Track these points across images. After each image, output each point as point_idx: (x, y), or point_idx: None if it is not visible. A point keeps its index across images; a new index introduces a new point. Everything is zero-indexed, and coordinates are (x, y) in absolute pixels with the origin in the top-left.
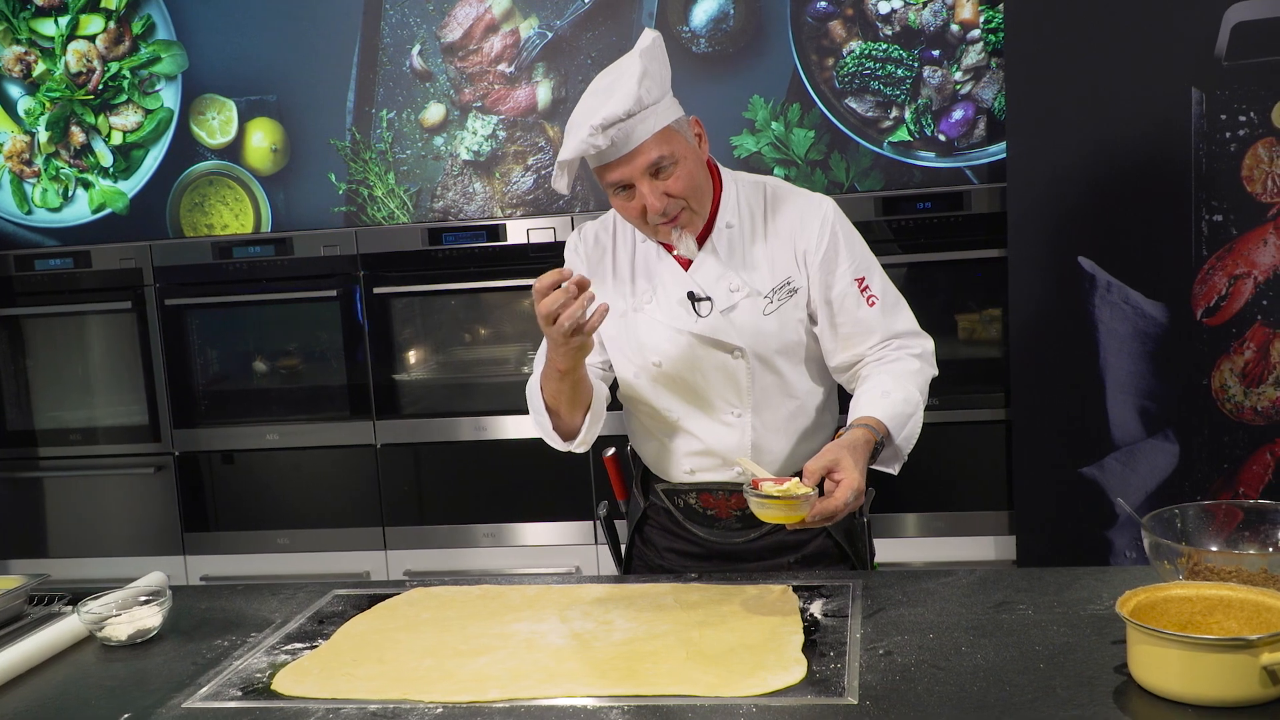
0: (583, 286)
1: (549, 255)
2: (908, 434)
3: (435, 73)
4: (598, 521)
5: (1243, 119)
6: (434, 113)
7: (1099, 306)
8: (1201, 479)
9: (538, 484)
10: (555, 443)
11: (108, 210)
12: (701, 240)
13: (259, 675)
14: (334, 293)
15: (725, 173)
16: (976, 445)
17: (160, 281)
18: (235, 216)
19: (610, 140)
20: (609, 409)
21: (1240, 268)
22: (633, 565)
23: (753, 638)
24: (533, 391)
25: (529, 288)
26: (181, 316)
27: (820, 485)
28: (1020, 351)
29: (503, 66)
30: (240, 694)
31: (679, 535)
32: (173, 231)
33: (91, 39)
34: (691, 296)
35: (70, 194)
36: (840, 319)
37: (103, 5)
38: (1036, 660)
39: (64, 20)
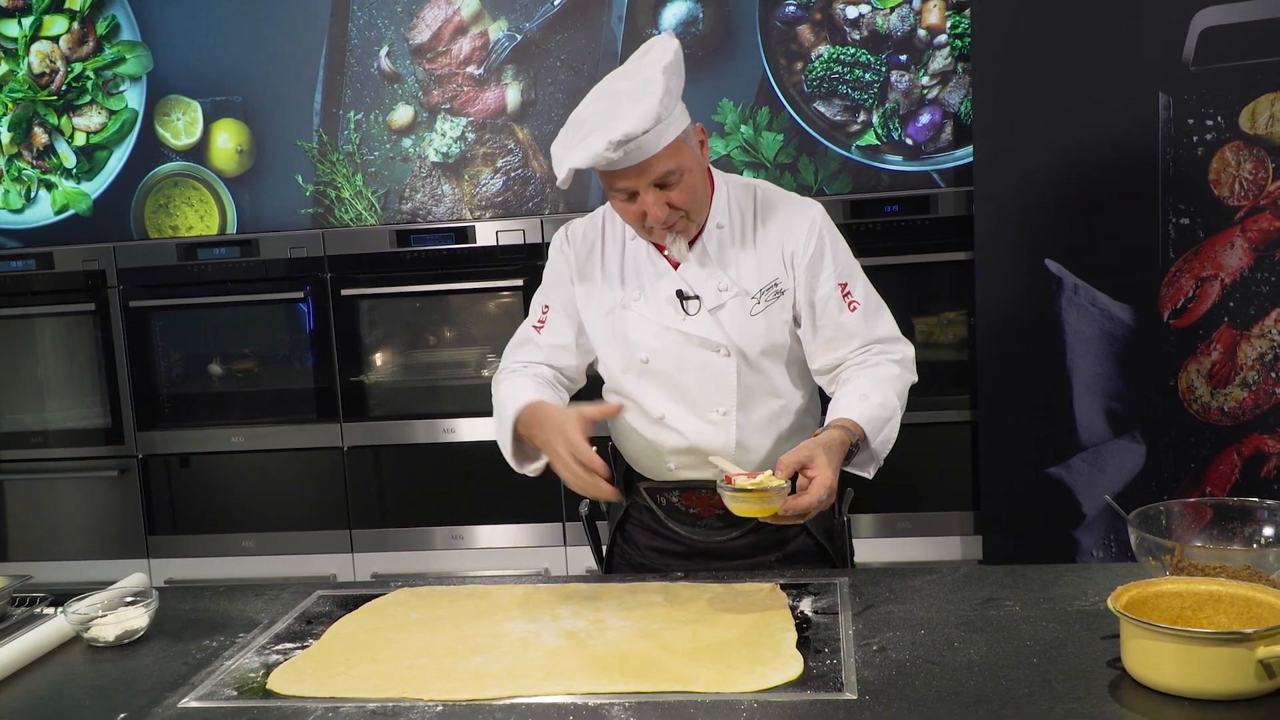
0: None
1: (518, 257)
2: (884, 438)
3: (404, 74)
4: (582, 520)
5: (1210, 123)
6: (402, 114)
7: (1066, 308)
8: (1168, 479)
9: (505, 486)
10: (511, 463)
11: (70, 211)
12: (692, 240)
13: (252, 675)
14: (301, 294)
15: (717, 174)
16: (942, 446)
17: (124, 283)
18: (200, 218)
19: (624, 153)
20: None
21: (1207, 270)
22: (614, 564)
23: (747, 635)
24: (504, 409)
25: (498, 289)
26: (145, 318)
27: (794, 481)
28: (987, 353)
29: (472, 68)
30: (235, 693)
31: (661, 534)
32: (137, 233)
33: (55, 39)
34: (680, 295)
35: (33, 195)
36: (822, 322)
37: (66, 6)
38: (1029, 655)
39: (27, 21)
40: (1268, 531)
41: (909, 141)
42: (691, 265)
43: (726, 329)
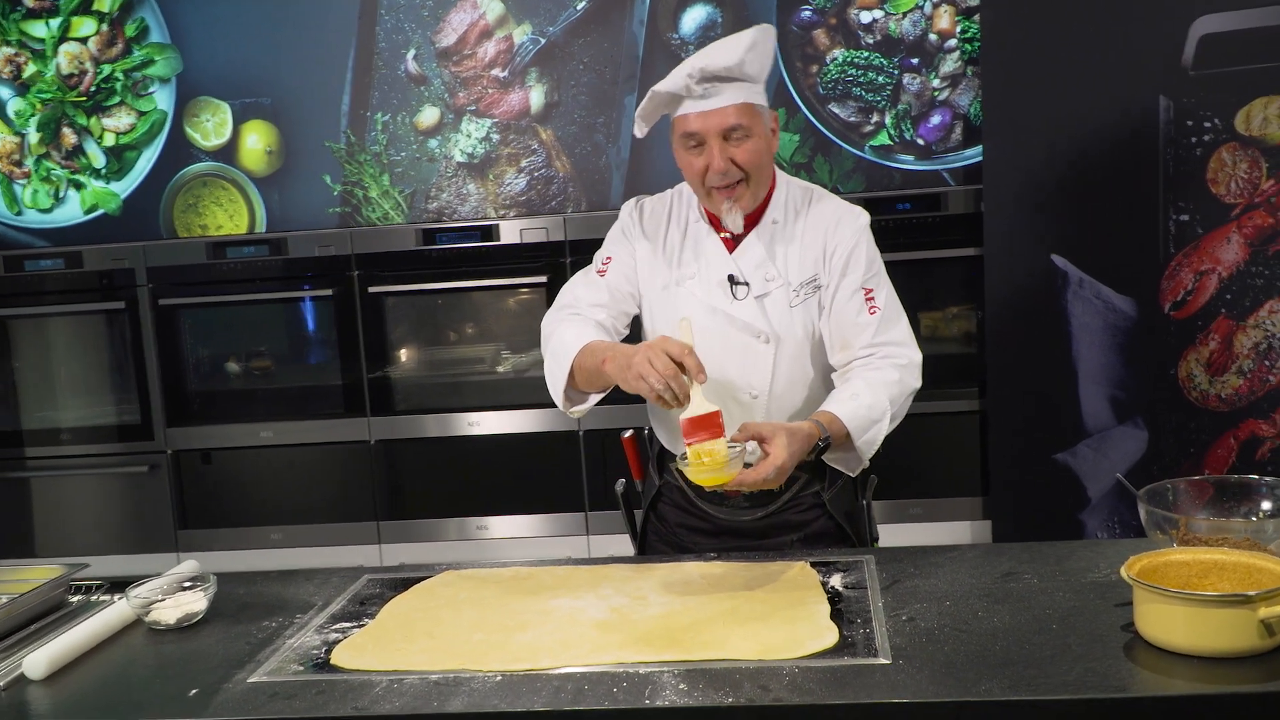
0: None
1: (541, 254)
2: (869, 439)
3: (430, 77)
4: (618, 498)
5: (1208, 125)
6: (428, 116)
7: (1071, 301)
8: (1170, 463)
9: (529, 477)
10: (558, 399)
11: (100, 211)
12: (749, 227)
13: (315, 652)
14: (329, 292)
15: (779, 174)
16: (952, 435)
17: (153, 282)
18: (230, 217)
19: (703, 90)
20: (624, 400)
21: (1205, 264)
22: (646, 540)
23: (783, 608)
24: (560, 346)
25: (522, 286)
26: (175, 316)
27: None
28: (995, 345)
29: (496, 71)
30: (301, 669)
31: (690, 512)
32: (166, 232)
33: (84, 41)
34: (731, 279)
35: (61, 195)
36: (841, 319)
37: (95, 7)
38: (1049, 622)
39: (55, 22)
40: (1266, 505)
41: (920, 142)
42: (745, 252)
43: (770, 317)
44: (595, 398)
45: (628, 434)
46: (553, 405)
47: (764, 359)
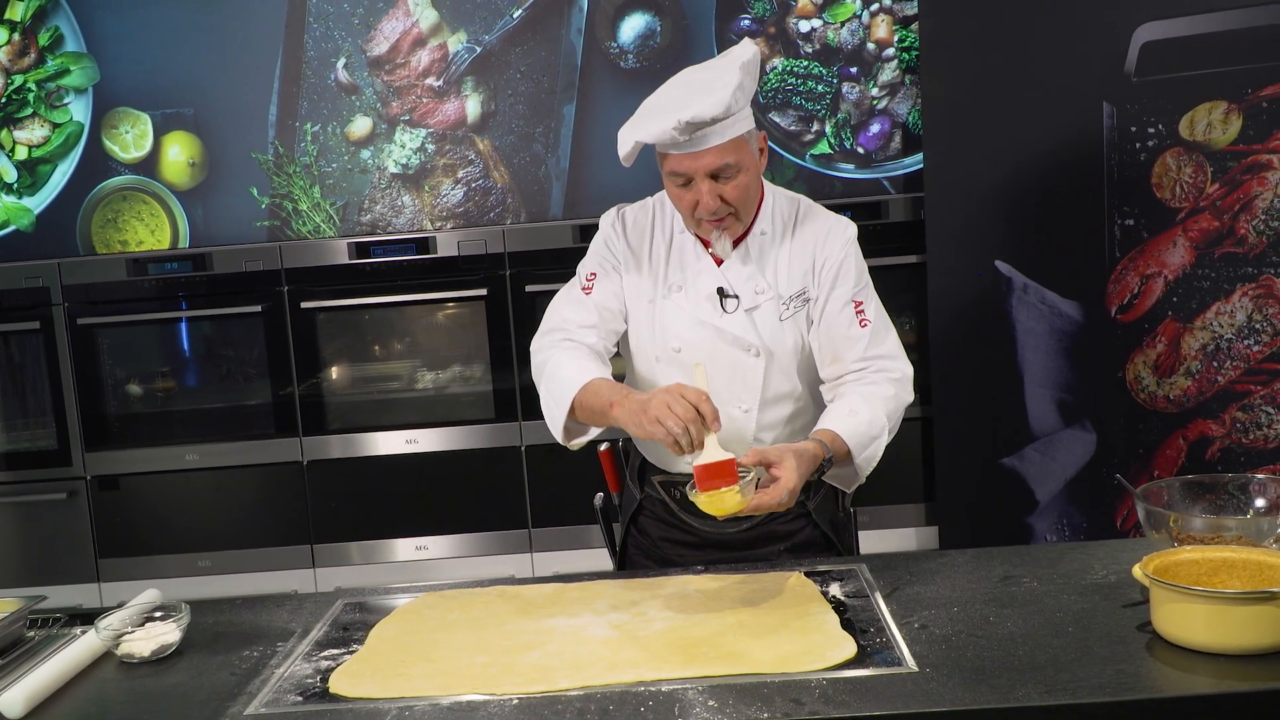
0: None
1: (480, 267)
2: (868, 455)
3: (361, 86)
4: (597, 513)
5: (1152, 130)
6: (360, 126)
7: (1016, 307)
8: (1118, 464)
9: (470, 495)
10: (557, 434)
11: (11, 227)
12: (737, 242)
13: (310, 681)
14: (258, 308)
15: (766, 184)
16: (895, 442)
17: (69, 300)
18: (151, 233)
19: (690, 137)
20: None
21: (1151, 268)
22: (627, 554)
23: (790, 619)
24: (558, 381)
25: (460, 299)
26: (93, 336)
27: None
28: (940, 352)
29: (431, 80)
30: (300, 698)
31: (674, 525)
32: (84, 249)
33: None
34: (721, 292)
35: None
36: (832, 333)
37: (7, 17)
38: (1063, 625)
39: None
40: (1259, 503)
41: (860, 150)
42: (734, 265)
43: (760, 330)
44: (596, 430)
45: (604, 447)
46: (493, 420)
47: (754, 373)
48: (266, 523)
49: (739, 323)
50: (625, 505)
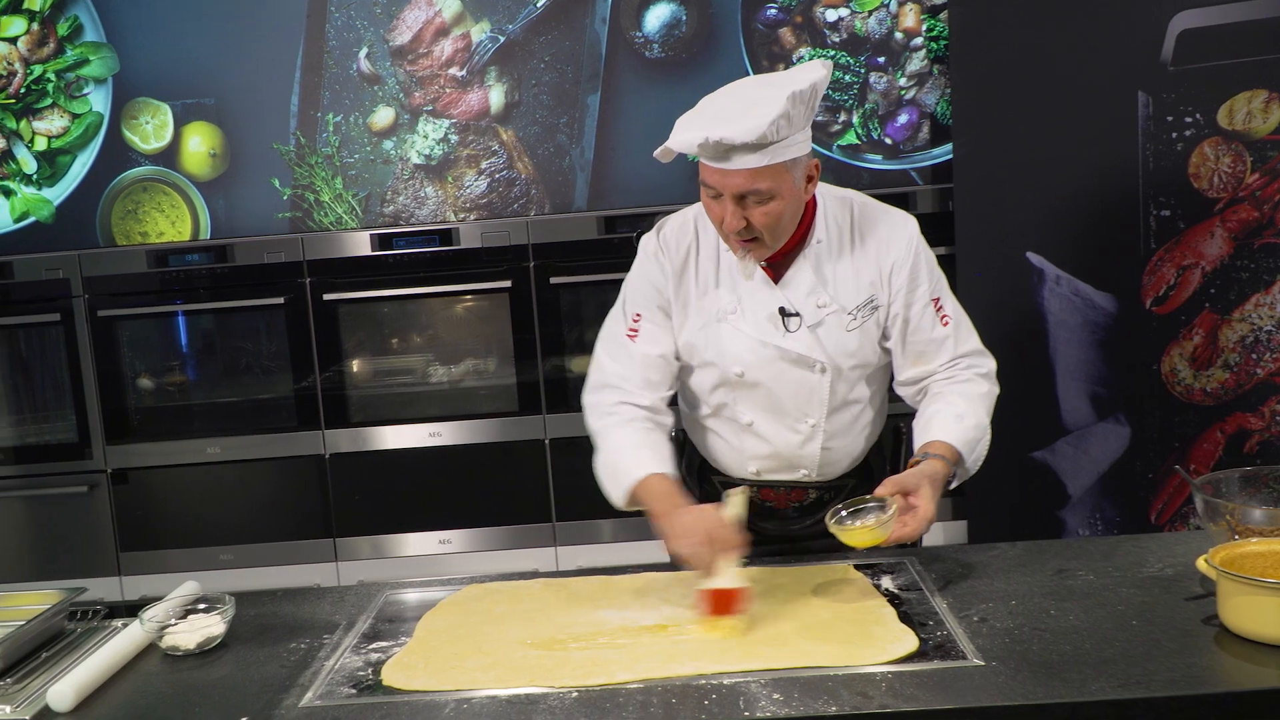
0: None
1: (504, 259)
2: (975, 457)
3: (384, 76)
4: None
5: (1189, 120)
6: (383, 116)
7: (1048, 299)
8: (1154, 458)
9: (494, 488)
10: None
11: (31, 219)
12: (790, 253)
13: (362, 673)
14: (280, 300)
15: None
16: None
17: (90, 292)
18: (172, 224)
19: (717, 155)
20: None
21: (1188, 259)
22: None
23: (847, 612)
24: (616, 463)
25: (483, 292)
26: (114, 328)
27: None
28: None
29: (454, 70)
30: (354, 691)
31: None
32: (103, 240)
33: (12, 41)
34: (783, 311)
35: None
36: (915, 337)
37: (25, 6)
38: (1126, 619)
39: None
40: None
41: (888, 141)
42: (793, 281)
43: (825, 345)
44: None
45: None
46: (517, 413)
47: (820, 388)
48: (288, 516)
49: (803, 341)
50: None
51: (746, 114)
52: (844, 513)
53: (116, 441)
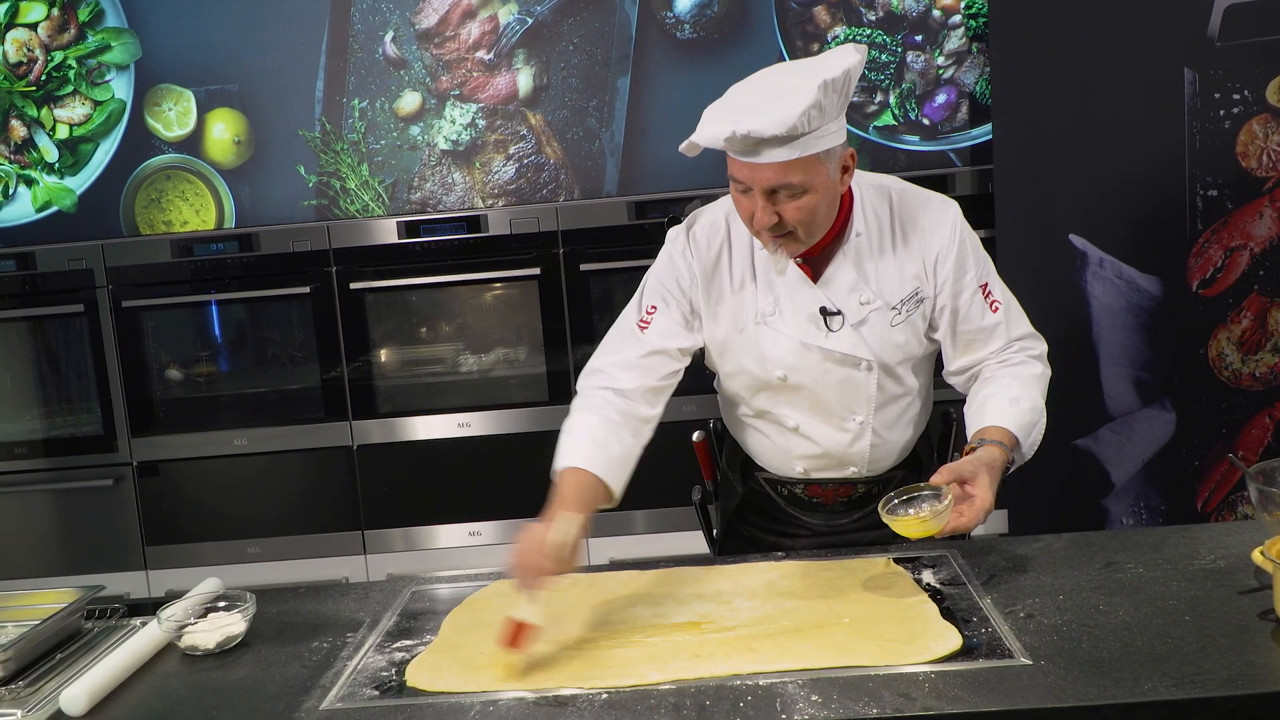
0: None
1: (533, 245)
2: (1032, 441)
3: (410, 60)
4: (694, 505)
5: (1236, 97)
6: (409, 101)
7: (1091, 282)
8: (1200, 445)
9: (522, 480)
10: None
11: (54, 208)
12: (827, 248)
13: (385, 674)
14: (306, 289)
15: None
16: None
17: (114, 282)
18: (196, 212)
19: (744, 148)
20: (693, 391)
21: (1236, 240)
22: (727, 546)
23: (887, 609)
24: (561, 449)
25: (512, 279)
26: (138, 319)
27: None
28: None
29: (481, 53)
30: (377, 693)
31: (780, 519)
32: (127, 230)
33: (33, 27)
34: (824, 311)
35: (11, 192)
36: (965, 326)
37: None
38: (1179, 614)
39: (1, 8)
40: None
41: (926, 121)
42: (834, 278)
43: (869, 342)
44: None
45: (698, 437)
46: (547, 403)
47: (867, 386)
48: (316, 508)
49: (847, 340)
50: (724, 496)
51: (776, 105)
52: (896, 501)
53: (142, 434)
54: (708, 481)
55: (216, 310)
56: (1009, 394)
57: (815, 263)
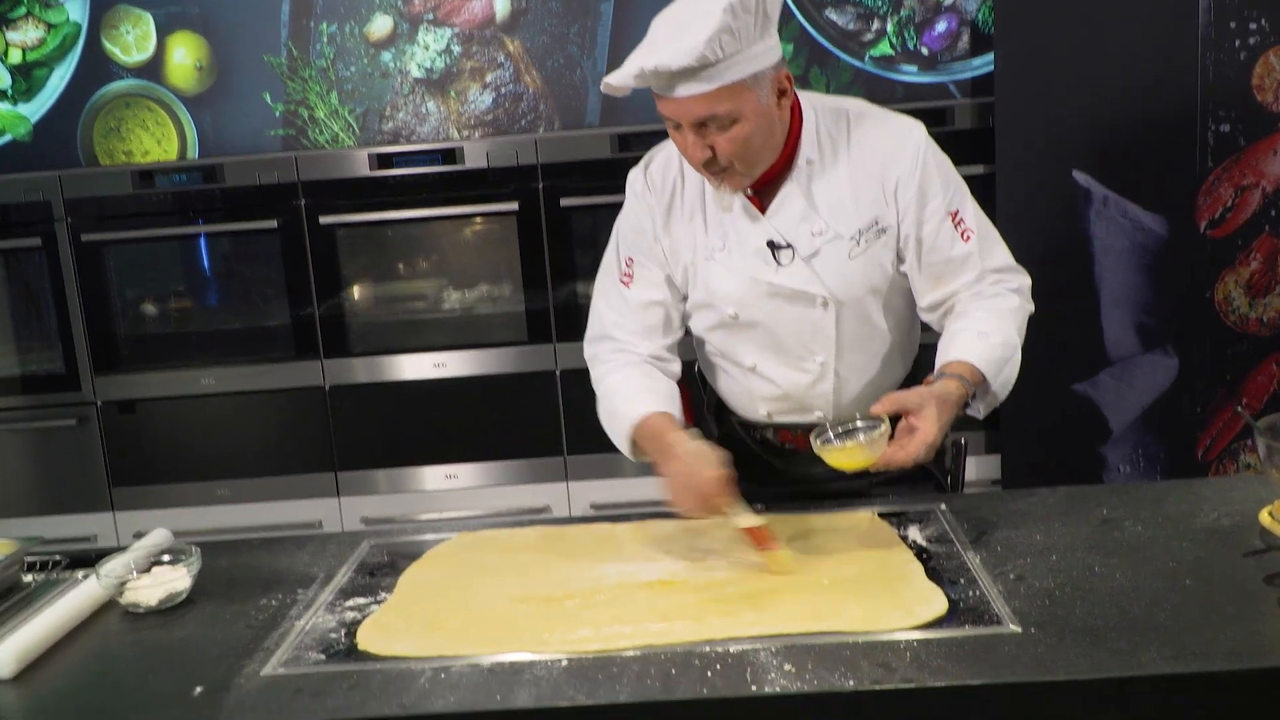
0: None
1: (511, 179)
2: (1004, 379)
3: None
4: None
5: (1253, 26)
6: (380, 25)
7: (1094, 221)
8: (1202, 392)
9: (502, 421)
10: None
11: (7, 137)
12: (776, 177)
13: (334, 635)
14: (274, 223)
15: (804, 100)
16: None
17: (72, 215)
18: (157, 142)
19: (658, 85)
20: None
21: (1248, 178)
22: None
23: (870, 568)
24: (616, 408)
25: (490, 214)
26: (99, 253)
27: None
28: None
29: None
30: (324, 657)
31: (754, 465)
32: (85, 160)
33: None
34: (772, 245)
35: None
36: (932, 257)
37: None
38: (1180, 577)
39: None
40: None
41: (925, 51)
42: (782, 209)
43: (823, 277)
44: None
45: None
46: (526, 343)
47: (824, 324)
48: (288, 450)
49: (798, 275)
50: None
51: (682, 35)
52: (831, 434)
53: (105, 373)
54: (689, 427)
55: (180, 245)
56: (978, 328)
57: (764, 194)
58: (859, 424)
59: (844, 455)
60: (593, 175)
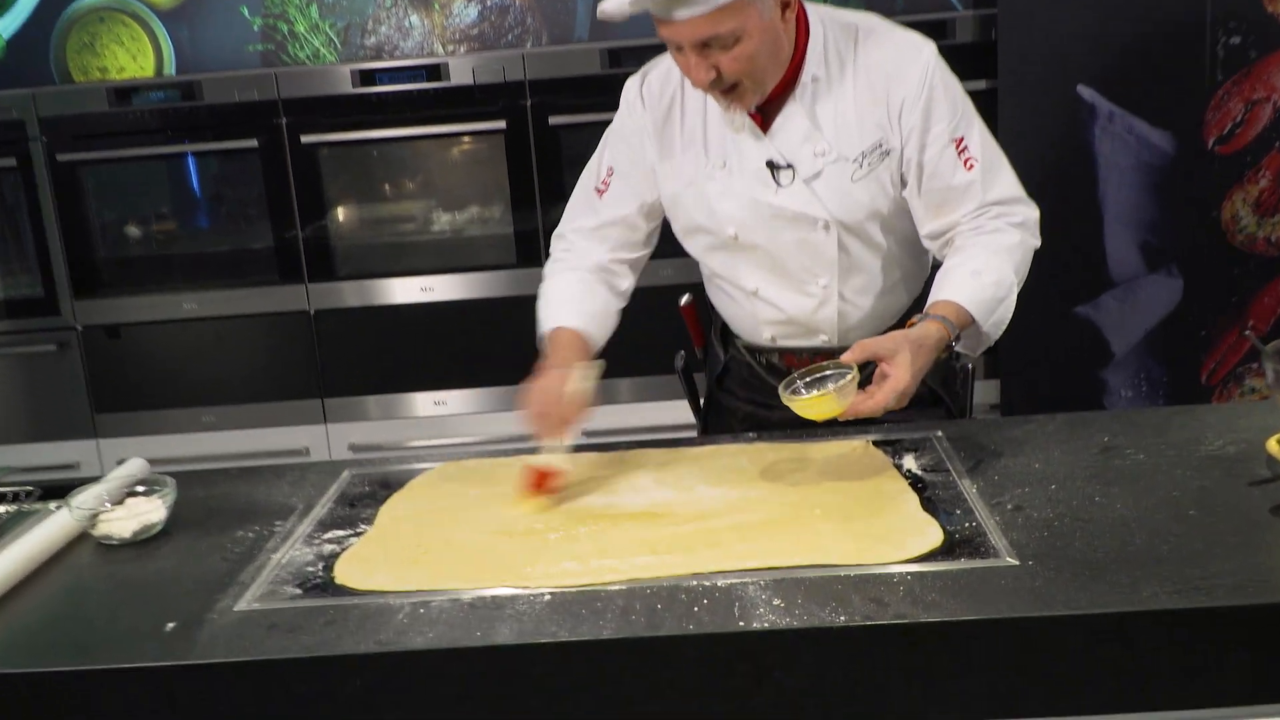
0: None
1: (498, 96)
2: (997, 319)
3: None
4: (677, 373)
5: None
6: None
7: (1099, 138)
8: (1207, 314)
9: (491, 347)
10: None
11: None
12: (781, 95)
13: (311, 569)
14: (254, 143)
15: (813, 13)
16: None
17: (48, 134)
18: (133, 58)
19: (657, 6)
20: (671, 254)
21: (1259, 93)
22: (710, 417)
23: (863, 499)
24: (542, 314)
25: (477, 133)
26: (76, 173)
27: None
28: None
29: None
30: (300, 591)
31: (760, 389)
32: (59, 77)
33: None
34: (771, 165)
35: None
36: (934, 184)
37: None
38: (1183, 507)
39: None
40: None
41: None
42: (784, 128)
43: (824, 200)
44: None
45: (685, 300)
46: (515, 265)
47: (826, 248)
48: (273, 376)
49: (799, 196)
50: (710, 363)
51: None
52: (799, 381)
53: (85, 296)
54: (698, 349)
55: (159, 165)
56: (971, 265)
57: (768, 112)
58: (829, 372)
59: (810, 405)
60: (583, 92)
